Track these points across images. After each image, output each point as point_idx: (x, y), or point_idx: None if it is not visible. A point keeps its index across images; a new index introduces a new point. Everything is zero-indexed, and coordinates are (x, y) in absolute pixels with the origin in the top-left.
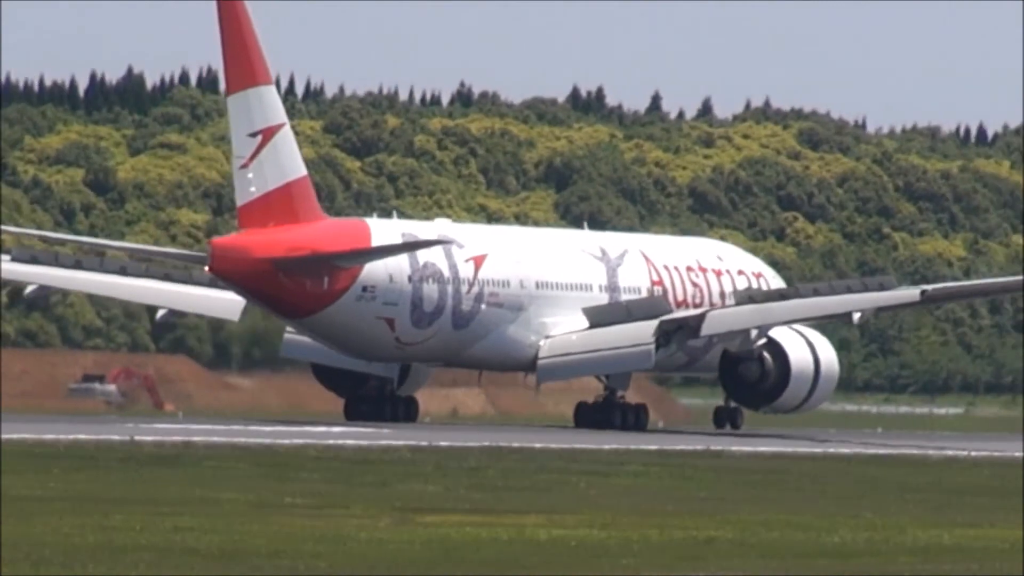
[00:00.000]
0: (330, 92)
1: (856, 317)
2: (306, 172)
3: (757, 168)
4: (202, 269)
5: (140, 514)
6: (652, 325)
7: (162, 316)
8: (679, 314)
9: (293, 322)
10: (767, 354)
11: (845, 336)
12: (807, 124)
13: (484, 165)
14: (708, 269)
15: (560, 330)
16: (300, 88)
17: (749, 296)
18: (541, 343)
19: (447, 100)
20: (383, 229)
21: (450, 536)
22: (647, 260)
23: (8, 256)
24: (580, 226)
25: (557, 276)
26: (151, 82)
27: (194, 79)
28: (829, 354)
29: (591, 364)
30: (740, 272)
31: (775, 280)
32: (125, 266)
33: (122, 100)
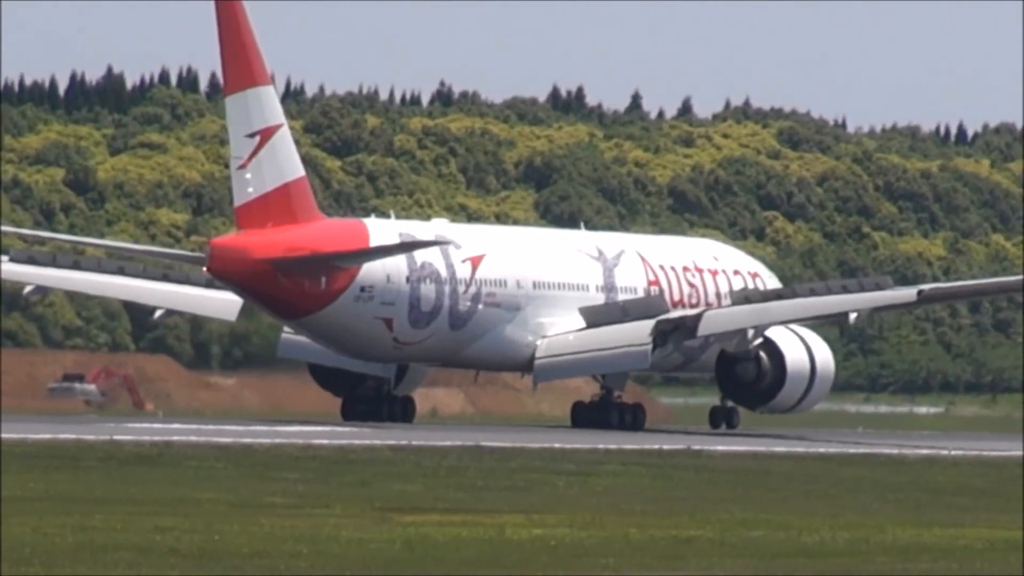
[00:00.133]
0: (310, 92)
1: (852, 317)
2: (304, 173)
3: (737, 167)
4: (200, 269)
5: (120, 514)
6: (649, 325)
7: (160, 316)
8: (676, 314)
9: (291, 322)
10: (763, 354)
11: (825, 336)
12: (787, 123)
13: (464, 165)
14: (704, 269)
15: (557, 330)
16: (280, 87)
17: (746, 296)
18: (538, 343)
19: (427, 100)
20: (381, 229)
21: (430, 536)
22: (643, 260)
23: (7, 257)
24: (560, 225)
25: (554, 276)
26: (131, 82)
27: (174, 79)
28: (825, 354)
29: (588, 364)
30: (736, 272)
31: (771, 280)
32: (123, 266)
33: (102, 100)
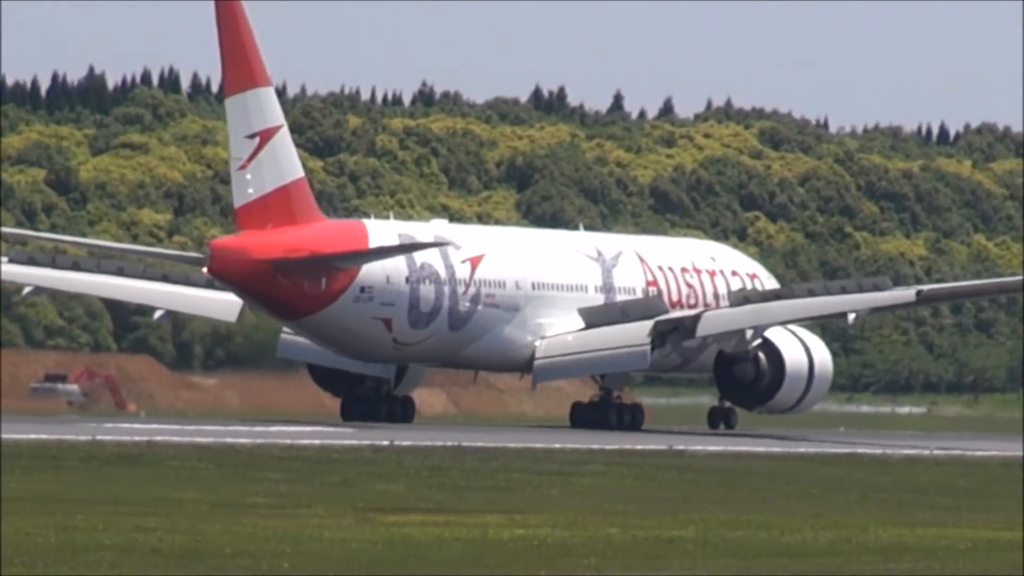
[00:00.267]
0: (292, 92)
1: (851, 318)
2: (303, 174)
3: (719, 168)
4: (200, 270)
5: (102, 514)
6: (648, 325)
7: (159, 317)
8: (675, 315)
9: (291, 323)
10: (762, 355)
11: None
12: (769, 124)
13: (446, 165)
14: (702, 270)
15: (556, 331)
16: None
17: (744, 297)
18: (537, 343)
19: (409, 100)
20: (380, 230)
21: (413, 536)
22: (642, 261)
23: (6, 258)
24: (542, 225)
25: (553, 277)
26: (113, 82)
27: (156, 79)
28: (823, 355)
29: (587, 364)
30: (734, 273)
31: (769, 281)
32: (122, 267)
33: (84, 100)
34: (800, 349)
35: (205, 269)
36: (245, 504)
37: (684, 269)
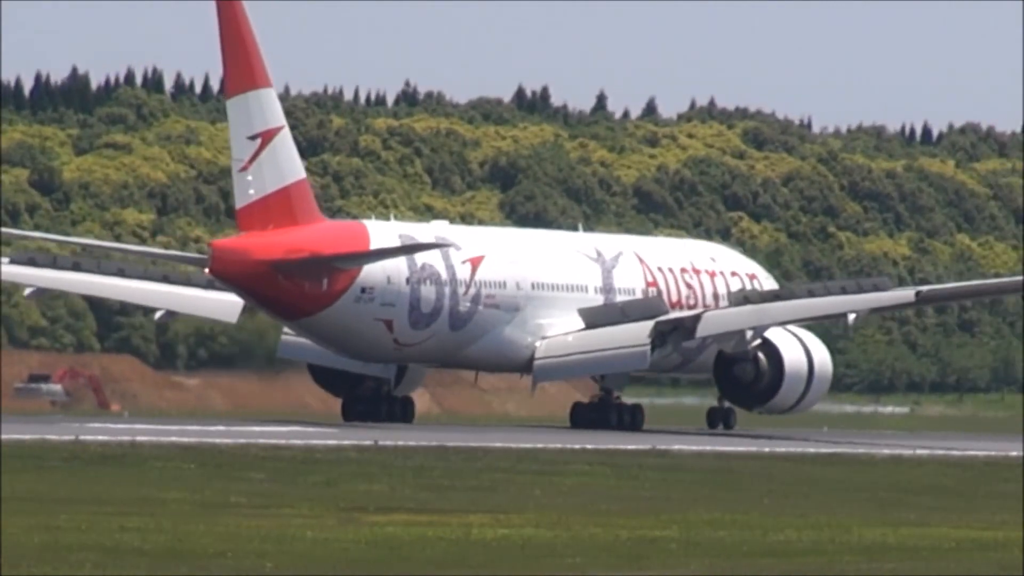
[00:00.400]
0: (275, 92)
1: (851, 318)
2: (304, 175)
3: (702, 167)
4: (201, 271)
5: (86, 514)
6: (648, 326)
7: (160, 317)
8: (675, 315)
9: (292, 323)
10: (761, 355)
11: None
12: (752, 124)
13: (429, 165)
14: (702, 270)
15: (556, 331)
16: None
17: (745, 297)
18: (537, 344)
19: (392, 100)
20: (381, 231)
21: (396, 535)
22: (641, 261)
23: (7, 259)
24: (525, 225)
25: (553, 277)
26: (96, 82)
27: (139, 79)
28: (823, 355)
29: (587, 365)
30: (734, 273)
31: (768, 281)
32: (123, 268)
33: (67, 100)
34: (800, 349)
35: (206, 270)
36: (228, 504)
37: (684, 270)
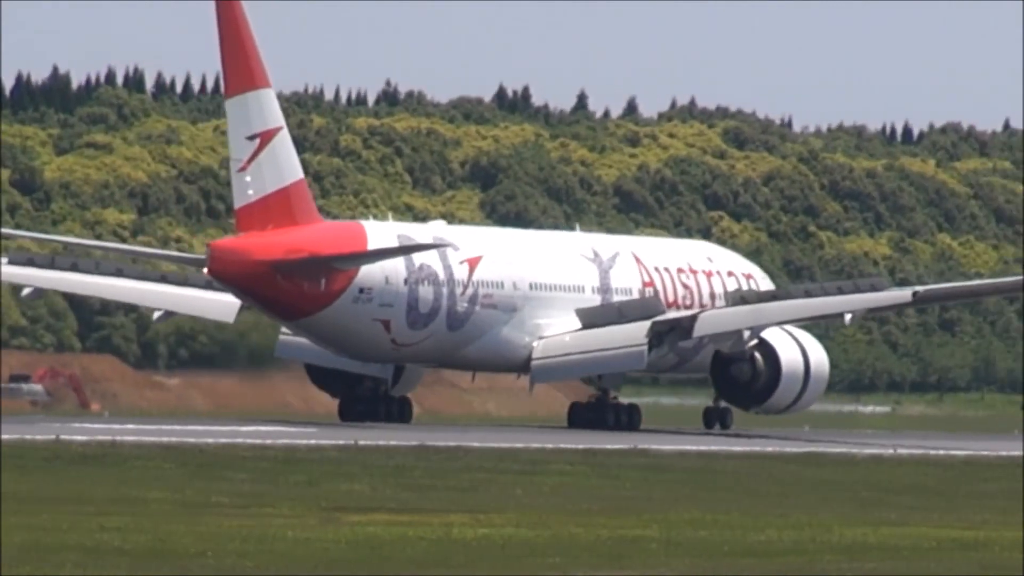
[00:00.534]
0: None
1: (848, 318)
2: (303, 175)
3: (683, 167)
4: (200, 271)
5: (67, 514)
6: (645, 326)
7: (159, 317)
8: (672, 315)
9: (290, 324)
10: (758, 355)
11: None
12: (732, 123)
13: (410, 164)
14: (699, 271)
15: (553, 331)
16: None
17: (742, 297)
18: (535, 344)
19: (373, 100)
20: (379, 232)
21: (377, 535)
22: (638, 262)
23: (5, 259)
24: (506, 225)
25: (550, 278)
26: (77, 82)
27: (120, 79)
28: (819, 355)
29: (584, 365)
30: (730, 273)
31: (764, 281)
32: (121, 268)
33: (48, 100)
34: (796, 349)
35: (205, 270)
36: (209, 504)
37: (680, 270)
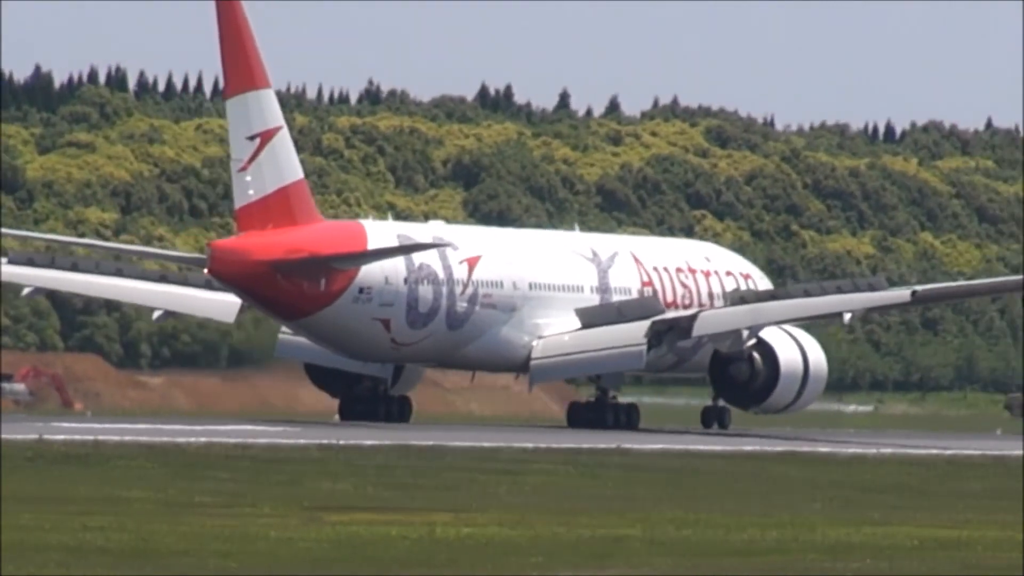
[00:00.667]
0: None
1: (847, 318)
2: (303, 175)
3: (665, 166)
4: (200, 271)
5: (49, 513)
6: (644, 326)
7: (158, 317)
8: (671, 315)
9: (290, 323)
10: (757, 354)
11: None
12: (715, 122)
13: (392, 163)
14: (697, 270)
15: (553, 331)
16: (208, 87)
17: (741, 297)
18: (534, 344)
19: (355, 98)
20: (379, 231)
21: (360, 534)
22: (637, 261)
23: (5, 259)
24: (489, 223)
25: (549, 277)
26: (59, 80)
27: (103, 77)
28: (818, 355)
29: (583, 364)
30: (728, 273)
31: (763, 281)
32: (121, 268)
33: (30, 98)
34: (795, 349)
35: (206, 270)
36: (192, 503)
37: (679, 269)
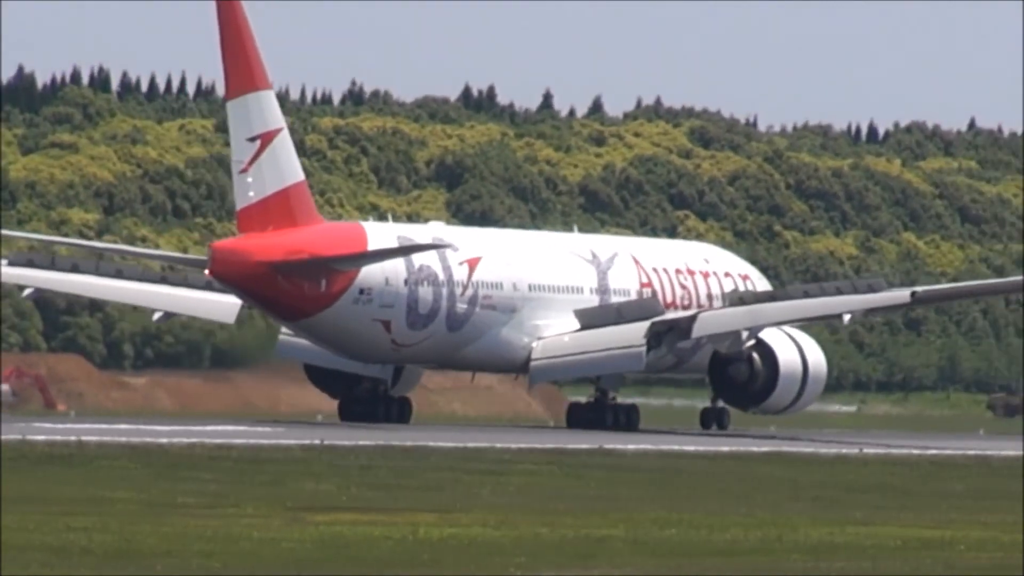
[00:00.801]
0: (221, 91)
1: (846, 319)
2: (303, 176)
3: (648, 166)
4: (201, 272)
5: (33, 514)
6: (643, 327)
7: (158, 318)
8: (670, 316)
9: (291, 324)
10: (756, 355)
11: None
12: (698, 122)
13: (375, 164)
14: (696, 271)
15: (552, 332)
16: (191, 87)
17: (740, 298)
18: (534, 345)
19: (338, 99)
20: (379, 232)
21: (343, 535)
22: (636, 263)
23: (6, 260)
24: (471, 224)
25: (549, 279)
26: (42, 81)
27: (86, 78)
28: (817, 356)
29: (583, 365)
30: (727, 274)
31: (761, 282)
32: (121, 269)
33: (13, 99)
34: (794, 350)
35: (207, 271)
36: (175, 504)
37: (678, 271)
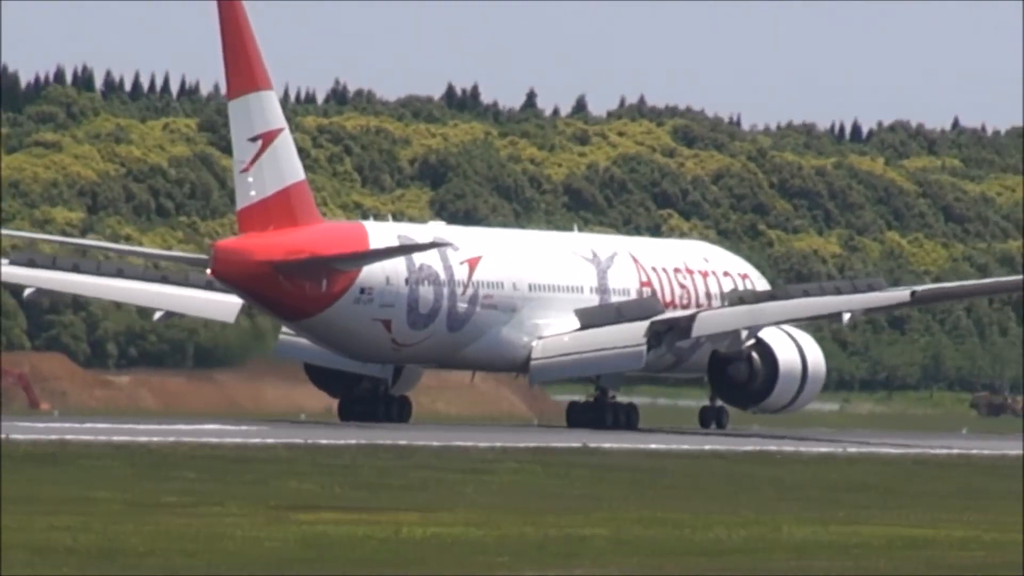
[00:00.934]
0: (205, 90)
1: (846, 318)
2: (304, 176)
3: (632, 165)
4: (203, 271)
5: (16, 513)
6: (643, 326)
7: (159, 318)
8: (670, 315)
9: (292, 324)
10: (755, 355)
11: None
12: (682, 121)
13: (359, 163)
14: (695, 271)
15: (552, 331)
16: (175, 86)
17: (740, 297)
18: (534, 344)
19: (322, 98)
20: (380, 232)
21: (326, 534)
22: (636, 262)
23: (6, 260)
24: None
25: (549, 278)
26: (25, 80)
27: (69, 77)
28: (816, 355)
29: (583, 365)
30: (726, 273)
31: (760, 281)
32: (122, 268)
33: None
34: (793, 349)
35: (208, 270)
36: (159, 503)
37: (677, 270)
